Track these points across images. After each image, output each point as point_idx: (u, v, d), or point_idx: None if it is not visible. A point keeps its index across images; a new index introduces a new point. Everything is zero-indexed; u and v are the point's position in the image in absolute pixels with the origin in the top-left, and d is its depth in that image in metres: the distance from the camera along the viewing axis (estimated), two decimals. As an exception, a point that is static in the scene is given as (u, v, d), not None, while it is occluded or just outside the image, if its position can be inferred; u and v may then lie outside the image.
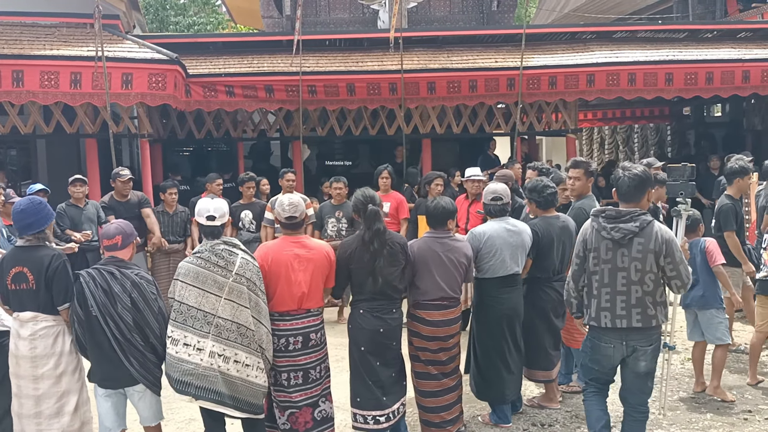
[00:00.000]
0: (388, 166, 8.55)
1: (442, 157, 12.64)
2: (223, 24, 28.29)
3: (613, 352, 4.23)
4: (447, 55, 10.89)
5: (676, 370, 6.53)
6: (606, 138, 19.72)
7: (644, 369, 4.22)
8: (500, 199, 5.27)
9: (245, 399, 4.31)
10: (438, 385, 4.97)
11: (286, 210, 4.61)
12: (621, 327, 4.15)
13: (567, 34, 11.57)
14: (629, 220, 4.11)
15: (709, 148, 14.81)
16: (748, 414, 5.42)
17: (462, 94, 10.54)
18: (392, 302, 4.78)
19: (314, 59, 10.61)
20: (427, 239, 4.95)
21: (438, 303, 4.87)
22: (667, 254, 4.07)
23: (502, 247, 5.12)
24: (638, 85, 10.74)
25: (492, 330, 5.24)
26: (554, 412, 5.59)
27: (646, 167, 4.38)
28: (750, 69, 10.90)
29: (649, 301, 4.11)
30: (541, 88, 10.65)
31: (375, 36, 11.44)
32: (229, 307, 4.28)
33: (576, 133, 12.10)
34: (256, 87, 10.16)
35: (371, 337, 4.70)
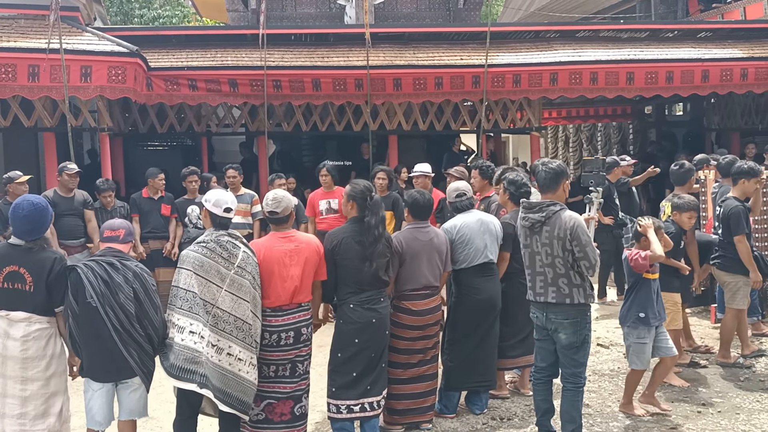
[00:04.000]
0: (327, 163, 8.56)
1: (408, 154, 12.66)
2: (188, 17, 27.99)
3: (537, 321, 4.82)
4: (413, 52, 10.90)
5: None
6: (570, 136, 19.93)
7: (566, 341, 4.65)
8: (464, 194, 5.56)
9: (235, 395, 4.32)
10: (405, 374, 5.12)
11: (268, 205, 4.70)
12: (540, 301, 4.73)
13: (531, 32, 11.65)
14: (538, 211, 4.63)
15: (671, 146, 15.08)
16: (702, 407, 5.54)
17: (428, 90, 10.55)
18: (380, 292, 4.90)
19: (279, 54, 10.54)
20: (412, 230, 5.20)
21: (422, 292, 5.12)
22: (573, 238, 4.50)
23: (473, 236, 5.37)
24: (600, 84, 10.84)
25: (469, 319, 5.41)
26: (513, 405, 5.67)
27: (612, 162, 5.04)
28: (709, 69, 11.07)
29: (563, 282, 4.60)
30: (505, 86, 10.70)
31: (341, 32, 11.41)
32: (229, 299, 4.32)
33: (540, 131, 12.19)
34: (220, 81, 10.07)
35: (365, 328, 4.79)
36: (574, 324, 4.61)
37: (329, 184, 8.42)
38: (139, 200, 8.65)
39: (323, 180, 8.44)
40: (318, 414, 5.54)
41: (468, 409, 5.54)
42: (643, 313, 5.23)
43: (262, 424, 4.63)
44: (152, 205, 8.63)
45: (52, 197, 7.83)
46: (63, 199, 7.88)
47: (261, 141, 10.97)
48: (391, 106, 10.85)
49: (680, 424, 5.25)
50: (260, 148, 11.10)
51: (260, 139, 11.01)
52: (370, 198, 4.86)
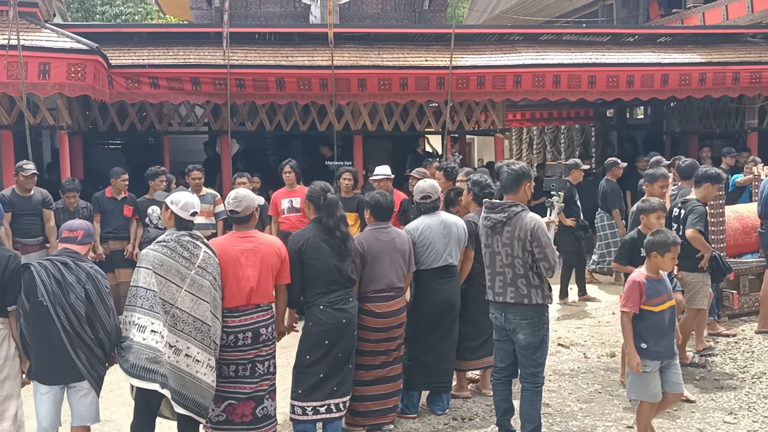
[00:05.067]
0: (291, 161, 8.54)
1: (374, 154, 12.68)
2: (151, 14, 27.63)
3: (496, 321, 4.82)
4: (378, 53, 10.91)
5: (592, 363, 6.73)
6: (534, 138, 20.13)
7: (524, 342, 4.68)
8: (429, 197, 5.54)
9: (192, 397, 4.26)
10: (368, 375, 5.12)
11: (230, 204, 4.67)
12: (499, 301, 4.74)
13: (495, 35, 11.74)
14: (500, 211, 4.67)
15: (632, 149, 15.33)
16: (659, 405, 5.61)
17: (393, 91, 10.57)
18: (348, 292, 4.90)
19: (243, 53, 10.47)
20: (373, 231, 5.19)
21: (386, 294, 5.10)
22: (533, 239, 4.55)
23: (435, 240, 5.38)
24: (563, 87, 10.98)
25: (428, 320, 5.42)
26: (475, 405, 5.70)
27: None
28: (669, 73, 11.28)
29: (522, 283, 4.63)
30: (470, 88, 10.77)
31: (306, 31, 11.39)
32: (189, 299, 4.27)
33: (504, 133, 12.30)
34: (182, 79, 9.96)
35: (335, 329, 4.78)
36: (533, 324, 4.65)
37: (292, 182, 8.39)
38: (102, 200, 8.53)
39: (286, 177, 8.41)
40: (280, 416, 5.49)
41: (429, 409, 5.56)
42: (645, 344, 4.69)
43: (222, 425, 4.58)
44: (115, 205, 8.52)
45: (9, 196, 7.69)
46: (21, 198, 7.73)
47: (224, 140, 10.88)
48: (356, 106, 10.85)
49: (637, 422, 5.33)
50: (223, 148, 11.01)
51: (223, 139, 10.92)
52: (323, 199, 4.84)
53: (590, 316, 8.51)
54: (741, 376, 6.20)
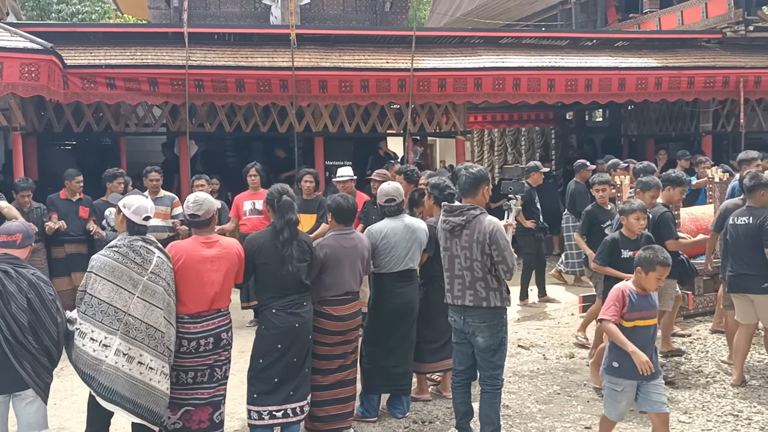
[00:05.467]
0: (256, 164, 8.48)
1: (335, 156, 12.64)
2: (109, 14, 27.17)
3: (455, 324, 4.82)
4: (339, 54, 10.88)
5: (552, 364, 6.78)
6: (495, 140, 20.27)
7: (483, 344, 4.69)
8: (394, 200, 5.52)
9: (146, 405, 4.20)
10: (325, 380, 5.07)
11: (189, 207, 4.60)
12: (458, 304, 4.74)
13: (456, 38, 11.80)
14: (459, 214, 4.68)
15: (591, 151, 15.55)
16: (616, 406, 5.67)
17: (354, 93, 10.55)
18: (302, 296, 4.85)
19: (202, 53, 10.35)
20: (336, 236, 5.14)
21: (344, 297, 5.07)
22: (492, 242, 4.56)
23: (398, 244, 5.36)
24: (522, 90, 11.07)
25: (387, 323, 5.41)
26: (435, 408, 5.70)
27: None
28: (626, 77, 11.45)
29: (481, 286, 4.64)
30: (431, 90, 10.80)
31: (266, 32, 11.30)
32: (141, 305, 4.20)
33: (465, 135, 12.36)
34: (139, 80, 9.81)
35: (288, 333, 4.73)
36: (491, 327, 4.66)
37: (257, 185, 8.31)
38: (57, 202, 8.33)
39: (252, 180, 8.33)
40: (237, 422, 5.44)
41: (390, 412, 5.54)
42: (617, 363, 4.47)
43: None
44: (70, 207, 8.33)
45: None
46: None
47: (182, 141, 10.74)
48: (317, 107, 10.81)
49: (595, 423, 5.37)
50: (182, 149, 10.86)
51: (182, 140, 10.77)
52: (277, 201, 4.81)
53: (550, 318, 8.59)
54: (696, 375, 6.31)
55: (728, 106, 12.44)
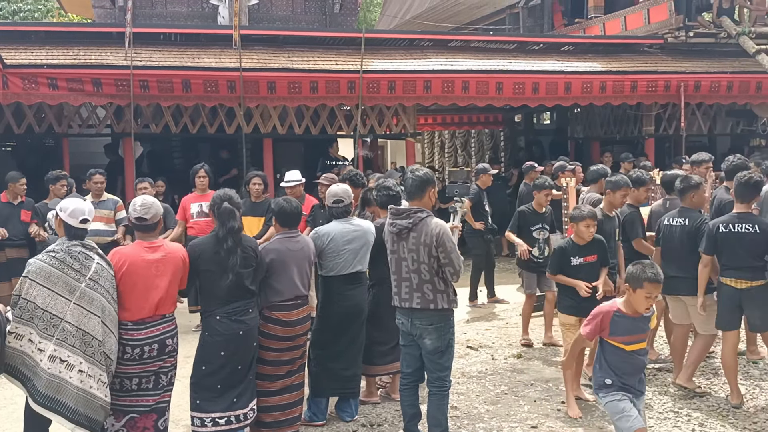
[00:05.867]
0: (204, 165, 8.38)
1: (285, 158, 12.54)
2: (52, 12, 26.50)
3: (403, 327, 4.81)
4: (288, 55, 10.82)
5: (500, 365, 6.85)
6: (446, 142, 20.44)
7: (431, 346, 4.69)
8: (341, 201, 5.50)
9: (85, 413, 4.09)
10: (273, 385, 5.03)
11: (136, 211, 4.50)
12: (405, 307, 4.73)
13: (406, 40, 11.85)
14: (405, 217, 4.67)
15: (539, 153, 15.78)
16: (562, 405, 5.76)
17: (303, 94, 10.51)
18: (247, 303, 4.77)
19: (147, 53, 10.19)
20: (282, 240, 5.10)
21: (293, 302, 5.02)
22: (439, 245, 4.57)
23: (344, 247, 5.33)
24: (471, 92, 11.18)
25: (335, 326, 5.38)
26: (384, 411, 5.69)
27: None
28: (572, 81, 11.66)
29: (428, 288, 4.64)
30: (381, 92, 10.83)
31: (213, 32, 11.18)
32: (78, 312, 4.10)
33: (416, 137, 12.42)
34: (83, 80, 9.60)
35: (231, 340, 4.66)
36: (439, 329, 4.68)
37: (205, 187, 8.19)
38: (-2, 204, 8.09)
39: (200, 182, 8.20)
40: (182, 428, 5.35)
41: (338, 416, 5.51)
42: (609, 380, 4.22)
43: (123, 440, 4.42)
44: (11, 210, 8.09)
45: None
46: None
47: (127, 143, 10.53)
48: (266, 109, 10.72)
49: (541, 422, 5.45)
50: (126, 151, 10.65)
51: (126, 141, 10.56)
52: (218, 208, 4.73)
53: (498, 318, 8.68)
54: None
55: (670, 110, 12.75)
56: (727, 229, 5.49)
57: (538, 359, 7.00)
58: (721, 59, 12.61)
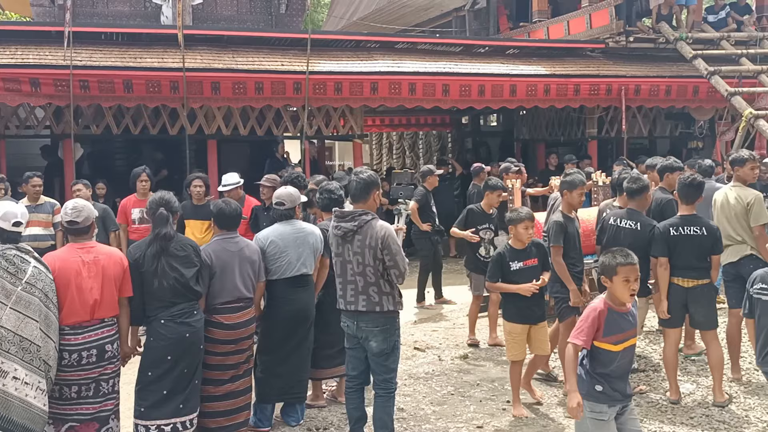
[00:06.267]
0: (146, 168, 8.23)
1: (230, 159, 12.37)
2: (-12, 9, 25.67)
3: (348, 330, 4.78)
4: (232, 56, 10.70)
5: (447, 365, 6.88)
6: (394, 144, 20.48)
7: (377, 349, 4.68)
8: (282, 204, 5.44)
9: (21, 422, 3.97)
10: (218, 390, 4.97)
11: (68, 214, 4.42)
12: (351, 310, 4.70)
13: (352, 41, 11.84)
14: (350, 220, 4.64)
15: (486, 154, 15.95)
16: (507, 404, 5.81)
17: (248, 95, 10.41)
18: (192, 305, 4.72)
19: (88, 53, 9.95)
20: (220, 241, 5.05)
21: (235, 305, 4.97)
22: (384, 247, 4.56)
23: (287, 250, 5.28)
24: (418, 94, 11.23)
25: (282, 330, 5.32)
26: (330, 414, 5.67)
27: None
28: (517, 83, 11.81)
29: (373, 291, 4.63)
30: (327, 93, 10.79)
31: (156, 32, 10.98)
32: (15, 317, 3.97)
33: (363, 139, 12.41)
34: (20, 80, 9.33)
35: (178, 344, 4.61)
36: (384, 331, 4.67)
37: (146, 190, 8.02)
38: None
39: (141, 186, 8.04)
40: (124, 436, 5.23)
41: (284, 421, 5.47)
42: (600, 387, 3.96)
43: (63, 449, 4.30)
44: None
45: None
46: None
47: (66, 144, 10.25)
48: (210, 109, 10.58)
49: (487, 422, 5.50)
50: (66, 152, 10.37)
51: (66, 143, 10.29)
52: (154, 212, 4.69)
53: (446, 319, 8.72)
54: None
55: (611, 113, 13.02)
56: (677, 231, 5.61)
57: (484, 359, 7.06)
58: (660, 64, 12.93)
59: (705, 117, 13.49)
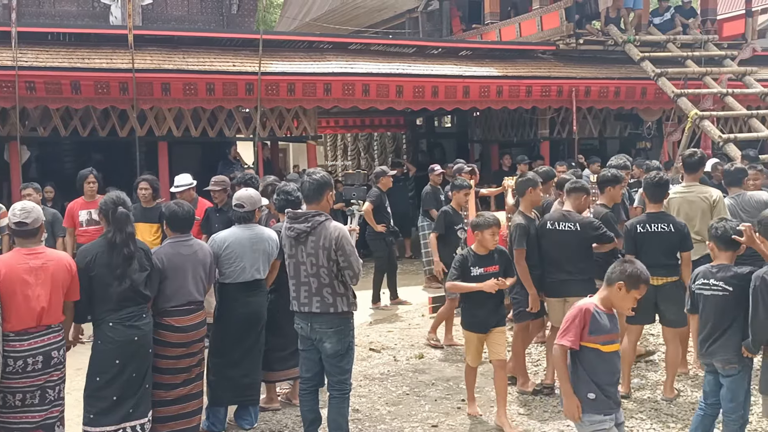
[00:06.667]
0: (93, 170, 8.08)
1: (182, 161, 12.20)
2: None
3: (302, 332, 4.75)
4: (183, 56, 10.56)
5: (402, 366, 6.89)
6: (349, 145, 20.46)
7: (331, 350, 4.66)
8: (242, 206, 5.40)
9: None
10: (169, 395, 4.90)
11: (17, 215, 4.31)
12: (305, 311, 4.68)
13: (305, 42, 11.79)
14: (304, 221, 4.60)
15: (440, 155, 16.03)
16: (462, 403, 5.85)
17: (199, 96, 10.28)
18: (141, 308, 4.65)
19: (34, 54, 9.71)
20: (174, 244, 4.98)
21: (186, 308, 4.90)
22: (338, 248, 4.55)
23: (242, 254, 5.24)
24: (372, 95, 11.23)
25: (234, 333, 5.27)
26: (285, 417, 5.64)
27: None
28: (470, 85, 11.90)
29: (327, 292, 4.60)
30: (280, 95, 10.72)
31: (104, 32, 10.78)
32: None
33: (317, 140, 12.36)
34: (-38, 81, 9.06)
35: (127, 347, 4.53)
36: (339, 332, 4.66)
37: (93, 192, 7.87)
38: None
39: (89, 188, 7.89)
40: (72, 445, 5.11)
41: (237, 424, 5.41)
42: (594, 395, 3.84)
43: (7, 459, 4.19)
44: None
45: None
46: None
47: (13, 147, 9.98)
48: (161, 111, 10.42)
49: (442, 421, 5.52)
50: (11, 155, 10.09)
51: (11, 145, 10.01)
52: (112, 212, 4.60)
53: (401, 320, 8.74)
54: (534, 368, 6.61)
55: (563, 114, 13.20)
56: (644, 229, 5.66)
57: (439, 359, 7.09)
58: (609, 66, 13.16)
59: (653, 118, 13.79)
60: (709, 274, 4.50)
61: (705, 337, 4.53)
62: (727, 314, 4.41)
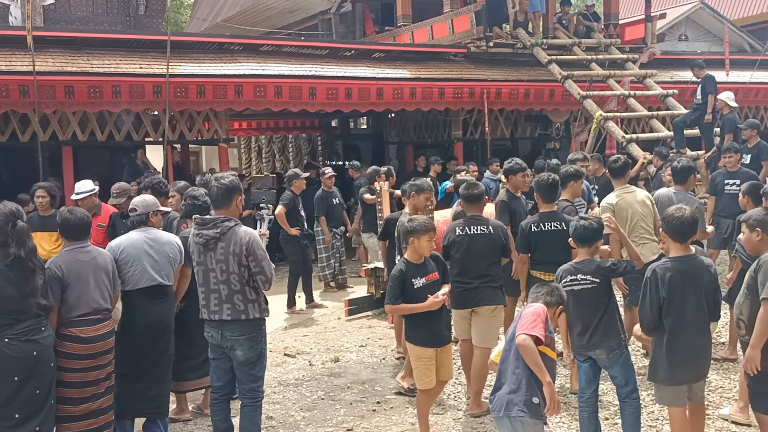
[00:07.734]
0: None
1: (89, 166, 11.80)
2: None
3: (212, 340, 4.68)
4: (87, 58, 10.20)
5: (317, 370, 6.85)
6: (263, 147, 20.23)
7: (243, 358, 4.60)
8: (134, 210, 5.26)
9: None
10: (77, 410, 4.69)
11: None
12: (215, 319, 4.60)
13: (215, 44, 11.58)
14: (212, 227, 4.53)
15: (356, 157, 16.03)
16: (377, 405, 5.86)
17: (105, 99, 9.95)
18: (40, 321, 4.43)
19: (-76, 55, 9.19)
20: (71, 251, 4.79)
21: (92, 317, 4.72)
22: (249, 253, 4.49)
23: (139, 258, 5.07)
24: (284, 97, 11.14)
25: (139, 343, 5.07)
26: (196, 428, 5.54)
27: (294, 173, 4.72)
28: (383, 87, 11.96)
29: (239, 299, 4.53)
30: (189, 97, 10.50)
31: (3, 33, 10.30)
32: None
33: (228, 143, 12.16)
34: None
35: (25, 363, 4.32)
36: (250, 339, 4.59)
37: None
38: None
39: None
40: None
41: (146, 437, 5.25)
42: (537, 399, 3.77)
43: None
44: None
45: None
46: None
47: None
48: (64, 115, 10.03)
49: (357, 424, 5.52)
50: None
51: None
52: (11, 225, 4.38)
53: (317, 323, 8.68)
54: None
55: (475, 115, 13.44)
56: (538, 228, 5.83)
57: (354, 362, 7.08)
58: (518, 68, 13.49)
59: (561, 119, 14.21)
60: (575, 271, 4.71)
61: (582, 330, 4.69)
62: (600, 304, 4.65)
